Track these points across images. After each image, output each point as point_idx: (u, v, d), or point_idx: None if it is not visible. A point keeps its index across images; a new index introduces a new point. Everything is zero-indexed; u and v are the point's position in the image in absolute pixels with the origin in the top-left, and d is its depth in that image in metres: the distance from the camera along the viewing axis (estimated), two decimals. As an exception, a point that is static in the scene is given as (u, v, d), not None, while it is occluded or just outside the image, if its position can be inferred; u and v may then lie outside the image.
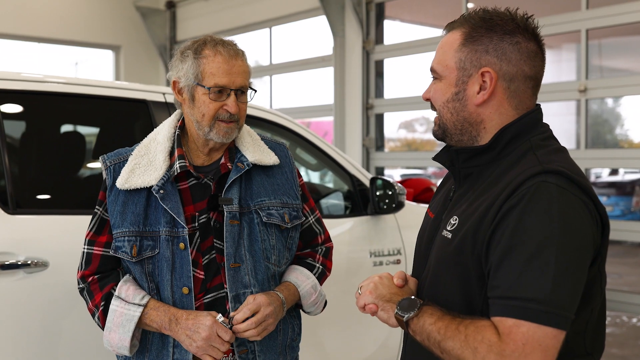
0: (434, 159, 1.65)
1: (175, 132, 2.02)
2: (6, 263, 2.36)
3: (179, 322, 1.85)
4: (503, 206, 1.37)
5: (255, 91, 2.01)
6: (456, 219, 1.50)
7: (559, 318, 1.27)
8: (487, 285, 1.39)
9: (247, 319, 1.86)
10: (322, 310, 2.18)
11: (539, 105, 1.55)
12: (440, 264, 1.52)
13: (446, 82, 1.53)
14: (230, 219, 1.94)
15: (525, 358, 1.27)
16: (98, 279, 1.97)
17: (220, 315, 1.86)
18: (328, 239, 2.23)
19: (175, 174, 1.95)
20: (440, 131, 1.57)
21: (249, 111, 3.12)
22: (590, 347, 1.46)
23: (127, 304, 1.89)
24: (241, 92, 1.95)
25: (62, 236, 2.51)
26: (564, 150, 1.51)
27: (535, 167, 1.38)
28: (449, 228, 1.52)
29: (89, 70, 11.12)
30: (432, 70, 1.57)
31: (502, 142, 1.49)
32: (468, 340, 1.32)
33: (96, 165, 2.92)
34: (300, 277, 2.07)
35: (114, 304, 1.91)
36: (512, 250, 1.32)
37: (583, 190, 1.37)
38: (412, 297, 1.50)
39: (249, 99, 1.99)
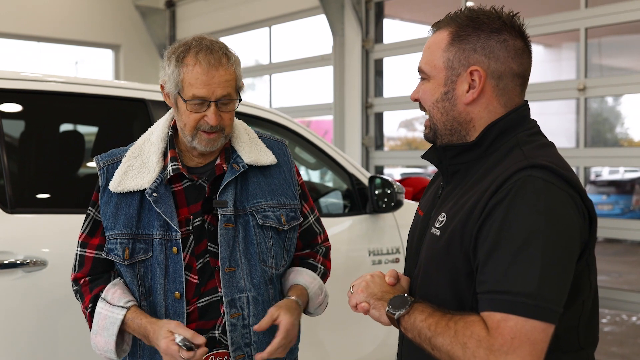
0: (423, 157, 1.65)
1: (168, 133, 1.97)
2: (5, 262, 2.36)
3: (151, 341, 1.81)
4: (490, 201, 1.37)
5: (240, 100, 1.92)
6: (444, 216, 1.50)
7: (546, 311, 1.27)
8: (476, 281, 1.39)
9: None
10: (324, 310, 2.17)
11: (526, 101, 1.56)
12: (430, 262, 1.52)
13: (435, 82, 1.53)
14: (225, 222, 1.89)
15: (514, 352, 1.26)
16: (89, 281, 1.94)
17: (177, 336, 1.74)
18: (326, 238, 2.19)
19: (169, 176, 1.90)
20: (431, 133, 1.58)
21: (249, 110, 3.13)
22: (583, 342, 1.46)
23: (111, 306, 1.85)
24: (223, 102, 1.86)
25: (61, 235, 2.51)
26: (551, 145, 1.51)
27: (522, 162, 1.39)
28: (437, 225, 1.52)
29: (89, 69, 11.13)
30: (420, 70, 1.57)
31: (489, 139, 1.50)
32: (457, 336, 1.33)
33: (95, 164, 2.92)
34: (308, 279, 2.03)
35: (99, 306, 1.87)
36: (499, 244, 1.33)
37: (570, 184, 1.37)
38: (404, 294, 1.50)
39: (237, 105, 1.92)
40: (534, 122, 1.55)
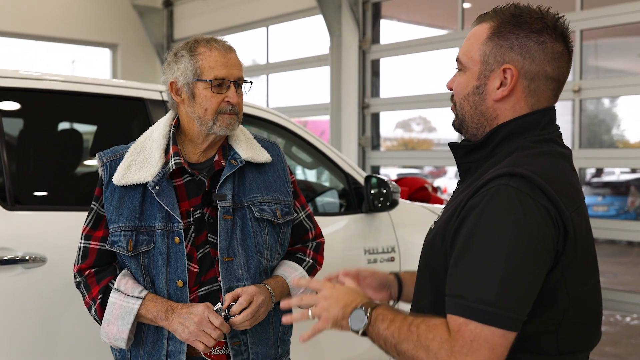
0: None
1: (170, 130, 2.06)
2: (4, 258, 2.39)
3: (175, 311, 1.90)
4: (467, 204, 1.39)
5: (251, 83, 2.08)
6: (442, 211, 1.54)
7: (504, 319, 1.30)
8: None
9: (242, 309, 1.91)
10: None
11: (552, 107, 1.54)
12: (422, 256, 1.56)
13: (469, 74, 1.52)
14: (224, 214, 1.99)
15: (473, 354, 1.30)
16: (95, 273, 2.01)
17: (218, 304, 1.91)
18: (319, 234, 2.27)
19: (171, 170, 1.99)
20: (457, 122, 1.58)
21: (246, 110, 3.15)
22: (563, 348, 1.45)
23: (127, 296, 1.94)
24: (238, 84, 2.01)
25: (60, 232, 2.54)
26: (551, 154, 1.48)
27: (504, 169, 1.39)
28: (435, 220, 1.56)
29: (86, 68, 11.13)
30: (458, 60, 1.56)
31: (495, 140, 1.49)
32: (420, 339, 1.35)
33: (93, 162, 2.95)
34: (288, 270, 2.12)
35: (113, 296, 1.95)
36: (466, 250, 1.35)
37: (545, 195, 1.36)
38: (361, 306, 1.49)
39: (245, 92, 2.06)
40: (551, 129, 1.53)
